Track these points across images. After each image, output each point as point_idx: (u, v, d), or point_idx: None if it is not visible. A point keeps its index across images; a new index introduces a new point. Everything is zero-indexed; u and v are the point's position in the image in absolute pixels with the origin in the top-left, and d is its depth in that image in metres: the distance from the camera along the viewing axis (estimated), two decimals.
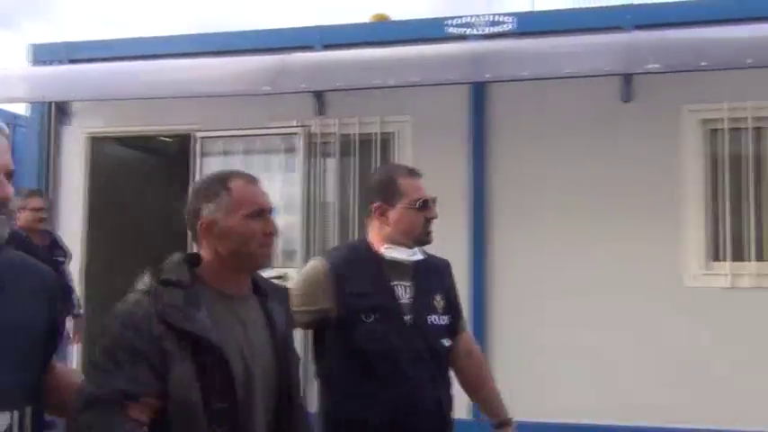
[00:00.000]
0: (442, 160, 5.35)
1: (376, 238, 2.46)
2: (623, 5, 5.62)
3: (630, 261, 5.18)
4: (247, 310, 1.82)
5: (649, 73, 4.84)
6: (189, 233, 1.85)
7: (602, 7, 5.75)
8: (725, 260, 5.12)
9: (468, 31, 5.58)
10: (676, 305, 5.11)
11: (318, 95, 5.77)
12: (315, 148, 5.82)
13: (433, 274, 2.52)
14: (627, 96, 5.29)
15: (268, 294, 1.89)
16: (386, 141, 5.78)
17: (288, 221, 5.76)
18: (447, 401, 2.45)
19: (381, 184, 2.49)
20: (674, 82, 5.10)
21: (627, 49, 4.97)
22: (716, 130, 5.25)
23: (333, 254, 2.52)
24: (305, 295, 2.35)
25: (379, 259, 2.42)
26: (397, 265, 2.43)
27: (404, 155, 5.63)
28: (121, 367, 1.59)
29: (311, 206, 5.78)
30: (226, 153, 5.94)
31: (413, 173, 2.51)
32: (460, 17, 5.62)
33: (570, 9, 5.91)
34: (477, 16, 5.60)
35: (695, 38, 5.05)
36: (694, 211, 5.20)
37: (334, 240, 5.71)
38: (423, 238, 2.47)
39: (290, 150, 5.80)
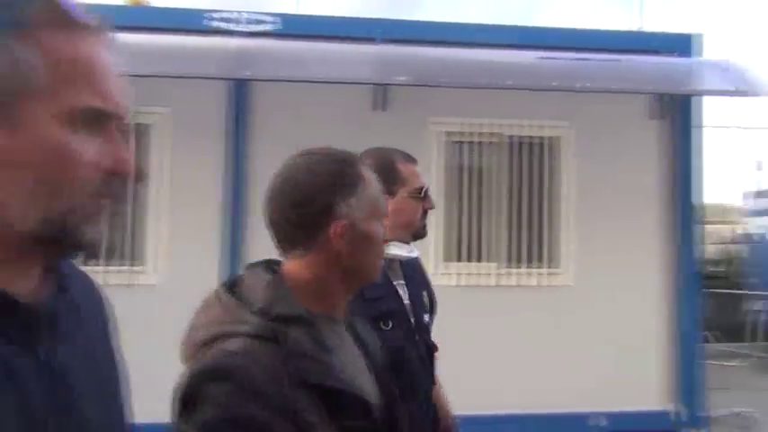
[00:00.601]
0: (200, 157, 5.24)
1: None
2: (379, 18, 5.94)
3: None
4: (347, 336, 1.35)
5: (395, 84, 5.17)
6: (284, 236, 1.34)
7: (359, 18, 6.00)
8: (458, 261, 5.66)
9: (230, 26, 5.51)
10: None
11: None
12: None
13: (414, 271, 2.29)
14: (380, 106, 5.60)
15: (353, 311, 1.41)
16: (142, 134, 5.51)
17: None
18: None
19: (378, 169, 2.16)
20: (422, 95, 5.49)
21: (379, 61, 5.26)
22: (456, 142, 5.77)
23: None
24: None
25: None
26: (391, 264, 2.14)
27: (163, 148, 5.42)
28: None
29: None
30: None
31: (410, 158, 2.26)
32: (222, 11, 5.54)
33: (331, 16, 6.08)
34: (240, 12, 5.56)
35: (442, 56, 5.48)
36: (434, 217, 5.66)
37: None
38: (420, 232, 2.23)
39: None
